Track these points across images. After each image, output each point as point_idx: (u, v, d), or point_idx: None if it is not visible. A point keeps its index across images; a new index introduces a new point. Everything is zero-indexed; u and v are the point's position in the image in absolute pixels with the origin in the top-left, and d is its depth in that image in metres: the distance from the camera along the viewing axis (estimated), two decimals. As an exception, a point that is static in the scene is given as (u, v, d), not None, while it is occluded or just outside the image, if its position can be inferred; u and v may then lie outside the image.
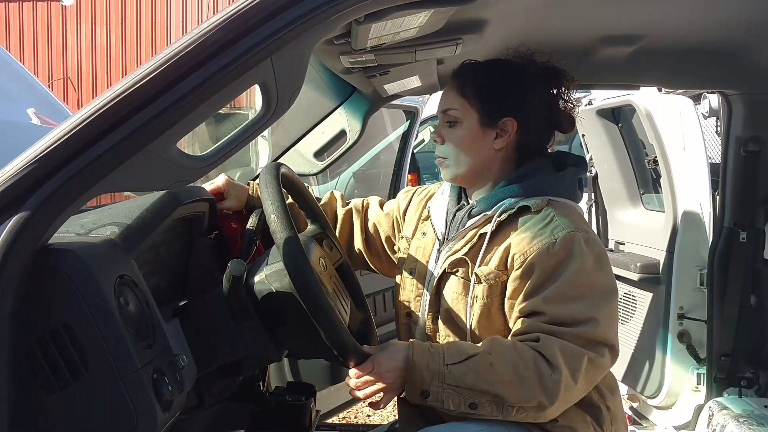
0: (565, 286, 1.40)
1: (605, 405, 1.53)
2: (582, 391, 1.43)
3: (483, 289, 1.48)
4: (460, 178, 1.57)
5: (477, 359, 1.39)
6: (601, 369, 1.43)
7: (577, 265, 1.41)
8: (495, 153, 1.53)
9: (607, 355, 1.42)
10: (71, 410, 1.02)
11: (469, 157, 1.53)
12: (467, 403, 1.37)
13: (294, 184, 1.59)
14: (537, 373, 1.36)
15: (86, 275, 1.03)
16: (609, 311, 1.45)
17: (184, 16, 12.95)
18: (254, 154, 4.18)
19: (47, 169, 0.97)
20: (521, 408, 1.37)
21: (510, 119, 1.51)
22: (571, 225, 1.44)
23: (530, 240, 1.43)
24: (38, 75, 11.25)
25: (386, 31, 1.35)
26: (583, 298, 1.41)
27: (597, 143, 3.35)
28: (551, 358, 1.36)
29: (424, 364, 1.39)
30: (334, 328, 1.33)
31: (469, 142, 1.52)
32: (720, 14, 1.72)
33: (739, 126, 2.48)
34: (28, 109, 2.49)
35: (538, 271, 1.41)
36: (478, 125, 1.52)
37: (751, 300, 2.54)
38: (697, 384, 2.81)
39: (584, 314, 1.40)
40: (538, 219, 1.45)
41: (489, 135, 1.52)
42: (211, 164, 1.16)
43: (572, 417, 1.47)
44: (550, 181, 1.52)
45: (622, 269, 3.07)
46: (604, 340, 1.42)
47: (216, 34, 1.00)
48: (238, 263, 1.34)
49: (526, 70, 1.55)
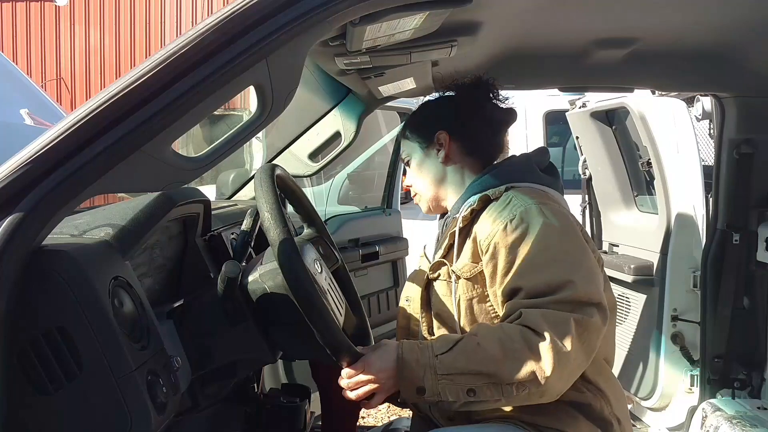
0: (533, 255, 1.41)
1: (616, 418, 1.51)
2: (581, 358, 1.38)
3: (463, 285, 1.51)
4: (433, 206, 1.69)
5: (463, 343, 1.39)
6: (594, 330, 1.39)
7: (539, 233, 1.42)
8: (445, 165, 1.64)
9: (596, 314, 1.39)
10: (65, 412, 1.02)
11: (426, 179, 1.66)
12: (465, 390, 1.36)
13: (289, 187, 1.59)
14: (525, 343, 1.34)
15: (80, 276, 1.02)
16: (585, 270, 1.43)
17: (179, 17, 12.94)
18: (249, 156, 4.18)
19: (41, 170, 0.97)
20: (520, 385, 1.34)
21: (440, 132, 1.63)
22: (529, 200, 1.47)
23: (491, 223, 1.47)
24: (31, 76, 11.20)
25: (381, 32, 1.35)
26: (554, 262, 1.41)
27: (591, 145, 3.36)
28: (536, 327, 1.35)
29: (414, 359, 1.39)
30: (327, 326, 1.32)
31: (421, 169, 1.67)
32: (713, 17, 1.72)
33: (732, 129, 2.49)
34: (22, 109, 2.48)
35: (503, 250, 1.43)
36: (420, 151, 1.66)
37: (744, 302, 2.55)
38: (691, 385, 2.82)
39: (560, 278, 1.39)
40: (498, 204, 1.50)
41: (431, 154, 1.65)
42: (206, 165, 1.16)
43: (583, 430, 1.46)
44: (504, 170, 1.59)
45: (616, 271, 3.08)
46: (588, 300, 1.39)
47: (211, 35, 1.00)
48: (233, 264, 1.34)
49: (443, 95, 1.71)
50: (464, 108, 1.64)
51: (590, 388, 1.49)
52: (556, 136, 5.90)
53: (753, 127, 2.46)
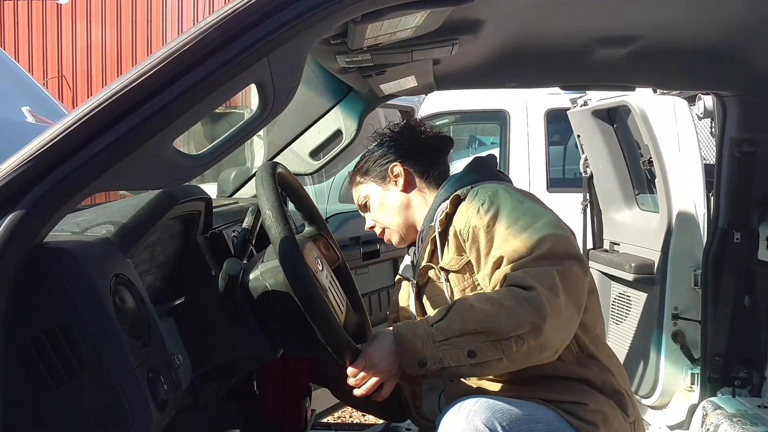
0: (509, 226, 1.49)
1: (625, 390, 1.56)
2: (572, 308, 1.43)
3: (454, 278, 1.57)
4: (404, 234, 1.74)
5: (456, 307, 1.42)
6: (578, 280, 1.45)
7: (509, 206, 1.52)
8: (407, 193, 1.72)
9: (576, 266, 1.46)
10: (66, 409, 1.02)
11: (391, 211, 1.73)
12: (465, 353, 1.37)
13: (291, 185, 1.59)
14: (516, 297, 1.38)
15: (81, 274, 1.02)
16: (558, 227, 1.51)
17: (180, 15, 12.93)
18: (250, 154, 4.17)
19: (42, 168, 0.97)
20: (518, 338, 1.36)
21: (393, 164, 1.72)
22: (495, 185, 1.59)
23: (465, 212, 1.55)
24: (33, 73, 11.21)
25: (383, 31, 1.35)
26: (528, 226, 1.48)
27: (592, 144, 3.36)
28: (522, 283, 1.40)
29: (411, 333, 1.41)
30: (328, 323, 1.32)
31: (383, 205, 1.73)
32: (715, 16, 1.72)
33: (734, 127, 2.49)
34: (23, 107, 2.48)
35: (481, 231, 1.51)
36: (378, 189, 1.74)
37: (745, 300, 2.55)
38: (691, 384, 2.82)
39: (535, 237, 1.45)
40: (468, 199, 1.58)
41: (390, 187, 1.73)
42: (207, 163, 1.16)
43: (602, 402, 1.49)
44: (467, 173, 1.69)
45: (617, 269, 3.08)
46: (565, 253, 1.46)
47: (212, 33, 1.00)
48: (234, 262, 1.34)
49: (380, 140, 1.80)
50: (404, 139, 1.76)
51: (596, 363, 1.54)
52: (557, 135, 5.90)
53: (754, 125, 2.46)
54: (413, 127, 1.82)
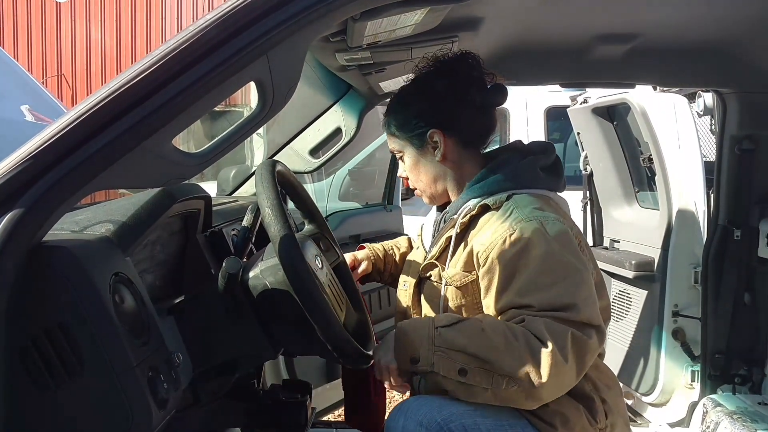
0: (536, 274, 1.40)
1: (599, 397, 1.52)
2: (573, 375, 1.40)
3: (452, 292, 1.52)
4: (436, 198, 1.66)
5: (467, 323, 1.40)
6: (590, 350, 1.41)
7: (540, 251, 1.41)
8: (443, 164, 1.60)
9: (594, 336, 1.41)
10: (66, 408, 1.02)
11: (425, 179, 1.63)
12: (457, 369, 1.37)
13: (290, 183, 1.59)
14: (527, 345, 1.35)
15: (81, 273, 1.02)
16: (586, 292, 1.44)
17: (179, 12, 12.92)
18: (249, 152, 4.17)
19: (42, 166, 0.97)
20: (512, 380, 1.35)
21: (433, 130, 1.57)
22: (530, 214, 1.46)
23: (490, 236, 1.46)
24: (32, 72, 11.20)
25: (382, 28, 1.35)
26: (557, 282, 1.41)
27: (592, 141, 3.36)
28: (538, 333, 1.36)
29: (412, 328, 1.41)
30: (328, 321, 1.32)
31: (417, 168, 1.62)
32: (715, 13, 1.72)
33: (734, 124, 2.49)
34: (22, 105, 2.48)
35: (501, 265, 1.43)
36: (414, 150, 1.61)
37: (745, 297, 2.55)
38: (692, 381, 2.82)
39: (563, 300, 1.39)
40: (498, 215, 1.48)
41: (427, 152, 1.60)
42: (207, 162, 1.16)
43: (564, 404, 1.46)
44: (508, 176, 1.55)
45: (617, 267, 3.07)
46: (588, 322, 1.40)
47: (212, 31, 1.00)
48: (234, 260, 1.34)
49: (424, 82, 1.61)
50: (450, 101, 1.57)
51: None
52: (557, 132, 5.90)
53: (755, 123, 2.46)
54: (461, 78, 1.56)
